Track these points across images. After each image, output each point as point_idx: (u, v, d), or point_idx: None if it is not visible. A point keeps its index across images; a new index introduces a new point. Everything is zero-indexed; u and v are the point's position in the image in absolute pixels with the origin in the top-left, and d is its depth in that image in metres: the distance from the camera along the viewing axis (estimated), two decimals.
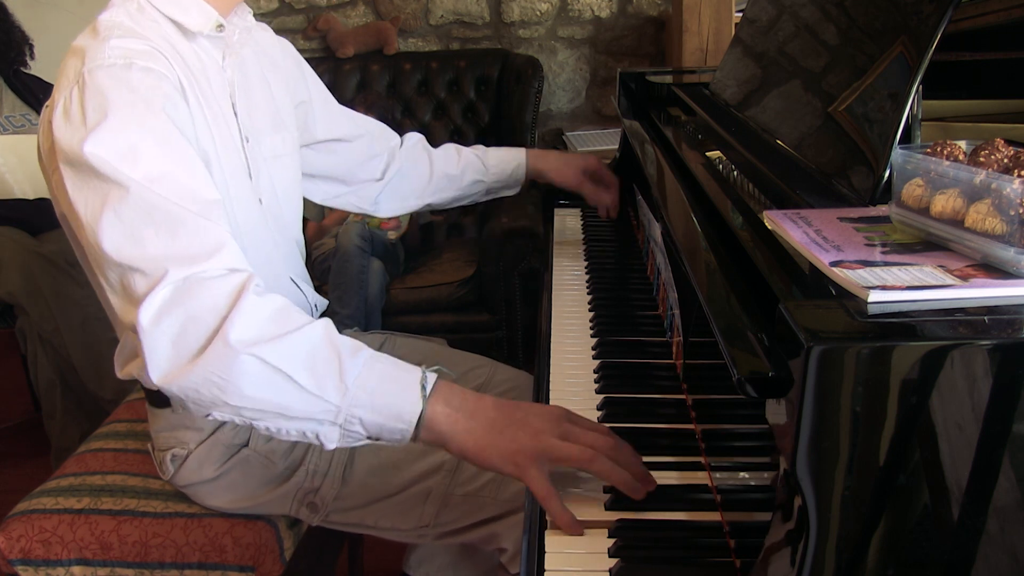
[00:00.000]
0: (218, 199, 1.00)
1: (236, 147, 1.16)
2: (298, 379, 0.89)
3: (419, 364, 0.96)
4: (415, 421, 0.91)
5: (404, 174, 1.54)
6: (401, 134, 3.01)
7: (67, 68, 1.02)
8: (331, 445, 0.93)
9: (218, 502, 1.25)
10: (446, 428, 0.92)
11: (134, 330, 0.91)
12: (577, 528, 0.85)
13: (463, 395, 0.94)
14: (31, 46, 2.63)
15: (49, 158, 1.02)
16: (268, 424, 0.92)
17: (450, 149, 1.57)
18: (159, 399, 1.21)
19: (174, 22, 1.09)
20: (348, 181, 1.50)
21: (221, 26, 1.13)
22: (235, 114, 1.17)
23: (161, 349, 0.90)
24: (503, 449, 0.90)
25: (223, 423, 1.20)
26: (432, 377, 0.94)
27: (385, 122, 2.74)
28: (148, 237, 0.93)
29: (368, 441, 0.94)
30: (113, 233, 0.93)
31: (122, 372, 1.19)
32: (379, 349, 1.04)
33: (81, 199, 0.96)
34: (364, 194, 1.53)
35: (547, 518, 0.86)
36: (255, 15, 1.24)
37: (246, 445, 1.22)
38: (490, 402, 0.94)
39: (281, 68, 1.31)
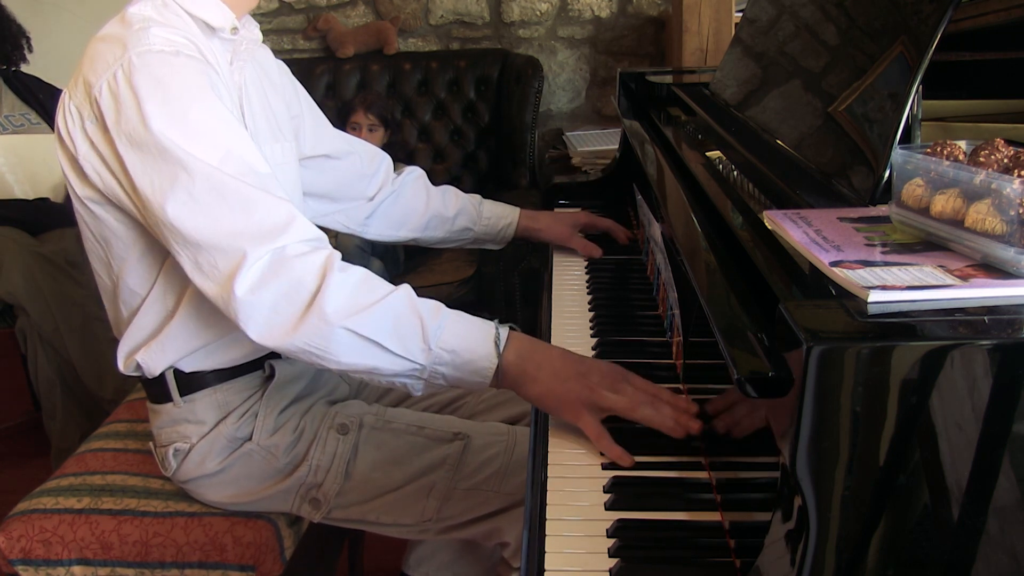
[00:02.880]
0: (271, 172, 1.08)
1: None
2: (387, 345, 1.01)
3: None
4: (490, 376, 1.04)
5: (399, 201, 1.54)
6: (402, 135, 3.02)
7: (102, 53, 1.05)
8: (417, 393, 1.07)
9: (220, 497, 1.25)
10: (517, 377, 1.04)
11: (224, 302, 1.02)
12: (628, 460, 0.94)
13: (532, 346, 1.06)
14: (28, 39, 2.63)
15: (80, 140, 1.06)
16: (362, 376, 1.05)
17: (449, 191, 1.58)
18: (160, 396, 1.21)
19: (195, 19, 1.13)
20: (336, 199, 1.49)
21: (235, 28, 1.17)
22: (242, 114, 1.18)
23: (257, 319, 1.01)
24: (562, 397, 1.01)
25: (225, 417, 1.22)
26: (504, 332, 1.05)
27: (385, 122, 2.78)
28: (224, 217, 1.02)
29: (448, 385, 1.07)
30: (190, 214, 1.02)
31: (126, 361, 1.20)
32: None
33: (147, 180, 1.03)
34: (353, 214, 1.52)
35: (548, 518, 0.87)
36: (254, 14, 1.24)
37: (249, 439, 1.22)
38: (557, 353, 1.06)
39: (278, 85, 1.33)
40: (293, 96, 1.38)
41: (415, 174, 1.57)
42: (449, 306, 1.36)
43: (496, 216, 1.59)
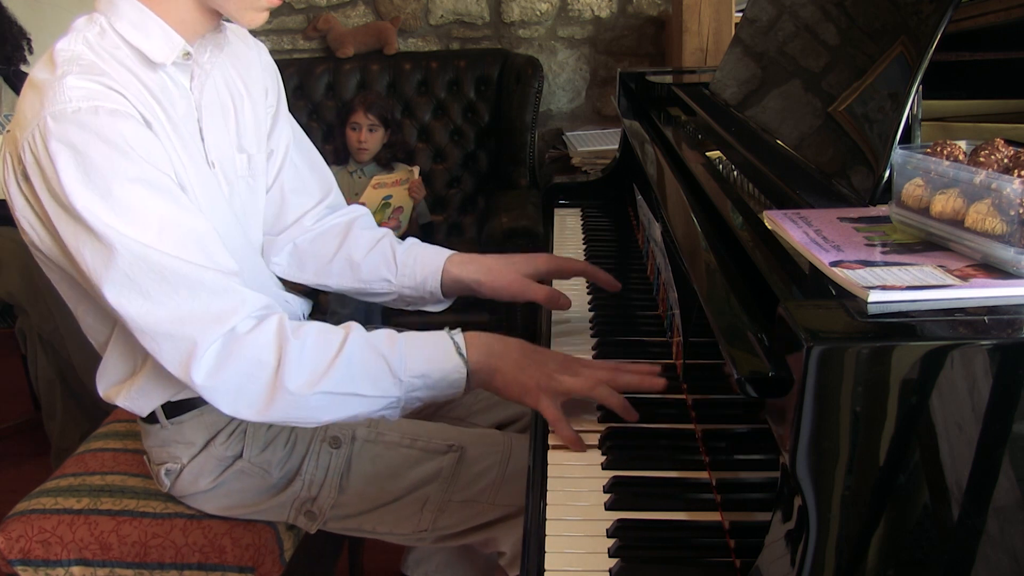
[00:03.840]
0: (209, 227, 1.03)
1: (206, 171, 1.12)
2: (363, 392, 1.03)
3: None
4: (463, 384, 1.06)
5: (316, 240, 1.31)
6: (402, 135, 3.01)
7: (26, 104, 0.98)
8: (395, 419, 1.09)
9: (216, 509, 1.24)
10: (484, 375, 1.06)
11: (187, 383, 1.00)
12: (580, 446, 0.98)
13: (490, 341, 1.08)
14: (29, 40, 2.63)
15: (14, 192, 1.01)
16: (342, 421, 1.06)
17: (373, 233, 1.31)
18: (147, 416, 1.20)
19: (137, 50, 1.03)
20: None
21: (188, 54, 1.07)
22: (202, 139, 1.11)
23: (224, 400, 1.01)
24: (523, 384, 1.04)
25: (214, 437, 1.20)
26: (460, 339, 1.07)
27: (385, 122, 2.78)
28: (167, 301, 0.97)
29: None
30: (129, 298, 0.97)
31: (105, 394, 1.17)
32: None
33: (82, 255, 0.97)
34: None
35: (547, 512, 0.87)
36: None
37: (240, 457, 1.20)
38: (514, 344, 1.08)
39: (255, 75, 1.22)
40: (275, 88, 1.28)
41: (350, 216, 1.34)
42: (449, 308, 1.35)
43: (417, 263, 1.27)
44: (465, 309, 2.59)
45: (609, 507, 0.88)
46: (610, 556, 0.81)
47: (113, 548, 1.24)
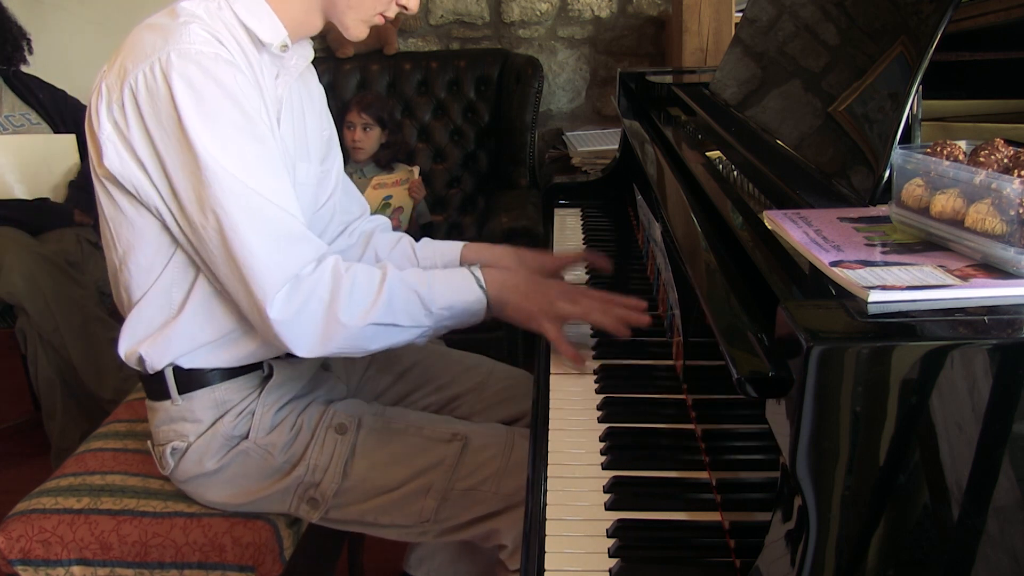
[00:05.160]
0: (291, 187, 1.13)
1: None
2: (401, 323, 1.15)
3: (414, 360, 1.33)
4: (483, 313, 1.20)
5: (345, 252, 1.42)
6: (402, 135, 3.01)
7: (143, 41, 1.06)
8: (421, 343, 1.21)
9: (218, 498, 1.25)
10: (498, 305, 1.20)
11: (259, 323, 1.10)
12: (580, 360, 1.16)
13: (502, 276, 1.23)
14: (29, 40, 2.62)
15: (104, 117, 1.07)
16: (381, 347, 1.16)
17: (391, 237, 1.45)
18: (158, 393, 1.21)
19: (247, 29, 1.13)
20: None
21: (286, 46, 1.18)
22: (277, 128, 1.18)
23: (298, 338, 1.10)
24: (527, 310, 1.19)
25: (223, 415, 1.21)
26: (479, 272, 1.21)
27: (381, 122, 2.78)
28: (253, 239, 1.06)
29: None
30: (219, 228, 1.05)
31: (128, 352, 1.20)
32: None
33: (185, 185, 1.06)
34: None
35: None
36: None
37: (246, 437, 1.22)
38: (522, 276, 1.25)
39: (317, 106, 1.35)
40: (326, 117, 1.39)
41: (373, 224, 1.46)
42: None
43: (434, 254, 1.42)
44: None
45: (609, 507, 0.88)
46: (610, 556, 0.81)
47: (113, 548, 1.24)
